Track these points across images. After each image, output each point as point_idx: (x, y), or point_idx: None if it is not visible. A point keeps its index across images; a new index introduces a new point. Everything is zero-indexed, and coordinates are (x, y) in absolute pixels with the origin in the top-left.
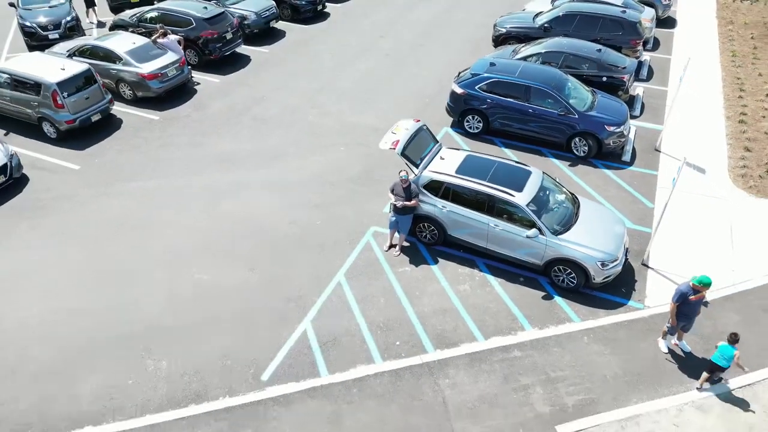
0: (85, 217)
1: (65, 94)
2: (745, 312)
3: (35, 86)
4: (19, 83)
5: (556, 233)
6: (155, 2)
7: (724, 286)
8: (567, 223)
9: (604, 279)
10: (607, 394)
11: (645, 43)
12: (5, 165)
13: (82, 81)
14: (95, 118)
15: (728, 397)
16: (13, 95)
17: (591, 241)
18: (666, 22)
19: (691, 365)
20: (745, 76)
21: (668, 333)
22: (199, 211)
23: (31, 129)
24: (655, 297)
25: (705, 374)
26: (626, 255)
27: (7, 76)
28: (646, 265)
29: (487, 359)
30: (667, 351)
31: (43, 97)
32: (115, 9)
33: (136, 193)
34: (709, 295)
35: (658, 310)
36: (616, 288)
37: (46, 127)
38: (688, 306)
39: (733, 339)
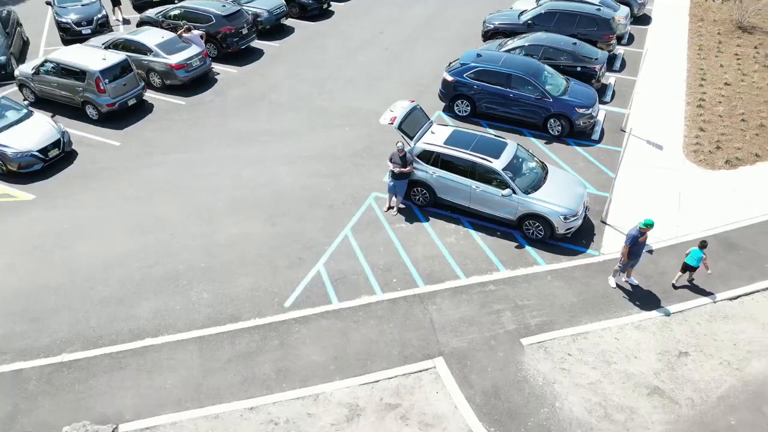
0: (129, 182)
1: (106, 80)
2: (682, 257)
3: (81, 74)
4: (66, 71)
5: (527, 193)
6: (176, 1)
7: (668, 238)
8: (536, 184)
9: (566, 230)
10: (562, 317)
11: (620, 38)
12: (59, 140)
13: (120, 70)
14: (131, 102)
15: (661, 320)
16: (60, 82)
17: (556, 199)
18: (642, 20)
19: (634, 296)
20: (707, 67)
21: (619, 271)
22: (226, 178)
23: (74, 111)
24: (609, 246)
25: (679, 273)
26: (586, 212)
27: (55, 65)
28: (604, 222)
29: (467, 292)
30: (615, 286)
31: (87, 84)
32: (138, 7)
33: (170, 164)
34: (655, 244)
35: (610, 257)
36: (577, 239)
37: (89, 110)
38: (636, 246)
39: (703, 245)
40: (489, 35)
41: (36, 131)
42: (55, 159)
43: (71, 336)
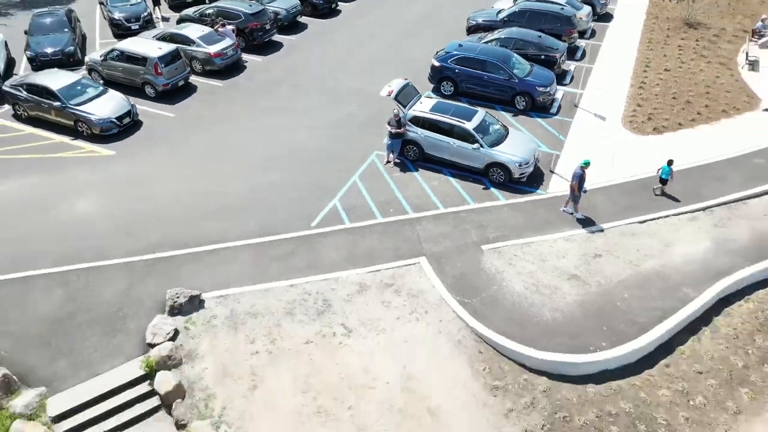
0: (185, 143)
1: (162, 65)
2: (608, 196)
3: (142, 60)
4: (129, 58)
5: (491, 147)
6: (207, 1)
7: (600, 183)
8: (498, 141)
9: (520, 175)
10: (513, 233)
11: (583, 33)
12: (129, 110)
13: (172, 57)
14: (180, 83)
15: (586, 235)
16: (124, 66)
17: (513, 151)
18: (604, 17)
19: (570, 222)
20: (653, 57)
21: (570, 201)
22: (261, 141)
23: (133, 91)
24: (554, 188)
25: (658, 185)
26: (536, 162)
27: (120, 52)
28: (552, 171)
29: (444, 217)
30: (562, 210)
31: (147, 68)
32: (174, 7)
33: (216, 130)
34: (590, 187)
35: (553, 195)
36: (530, 183)
37: (148, 89)
38: (581, 182)
39: (670, 162)
40: (472, 30)
41: (112, 103)
42: (127, 125)
43: (161, 242)
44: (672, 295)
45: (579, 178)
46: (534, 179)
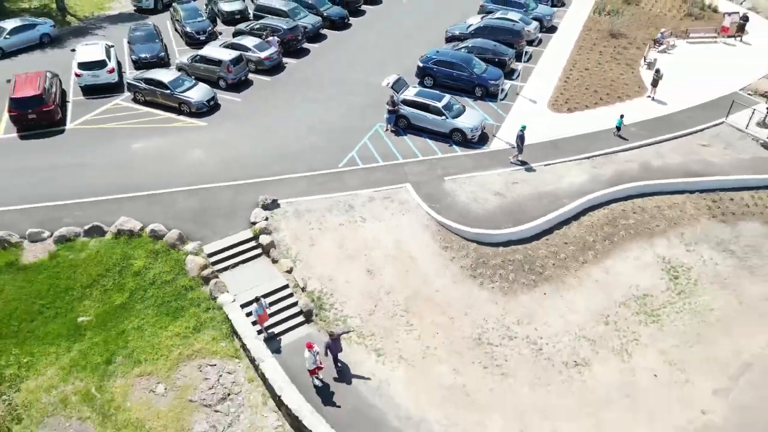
0: (250, 118)
1: (232, 66)
2: (529, 150)
3: (218, 62)
4: (209, 61)
5: (453, 118)
6: (251, 17)
7: (527, 143)
8: (459, 114)
9: (472, 137)
10: (464, 171)
11: (531, 42)
12: (213, 96)
13: (237, 60)
14: (243, 78)
15: (510, 172)
16: (205, 67)
17: (468, 121)
18: (551, 29)
19: (501, 164)
20: (579, 59)
21: (517, 153)
22: (300, 118)
23: (209, 84)
24: (495, 146)
25: (617, 132)
26: (483, 130)
27: (201, 57)
28: (494, 135)
29: (422, 162)
30: (511, 161)
31: (222, 68)
32: (227, 22)
33: (269, 110)
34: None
35: (494, 149)
36: (479, 142)
37: (221, 83)
38: (521, 140)
39: (621, 116)
40: (449, 39)
41: (202, 91)
42: (211, 107)
43: (248, 175)
44: (556, 204)
45: (520, 137)
46: (482, 140)
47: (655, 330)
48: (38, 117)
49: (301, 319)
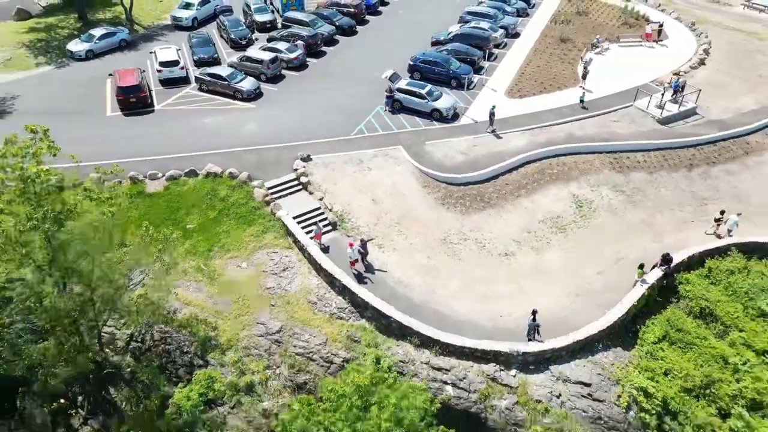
0: (286, 102)
1: (270, 64)
2: (498, 127)
3: (260, 61)
4: (253, 60)
5: (434, 101)
6: (279, 26)
7: (484, 120)
8: (437, 99)
9: (446, 115)
10: (440, 137)
11: (498, 45)
12: (258, 86)
13: (274, 59)
14: (278, 73)
15: (473, 139)
16: (251, 65)
17: (443, 104)
18: (515, 35)
19: (468, 132)
20: (533, 58)
21: (489, 125)
22: (320, 102)
23: (253, 77)
24: (463, 121)
25: (582, 104)
26: (455, 110)
27: (248, 57)
28: (463, 114)
29: (411, 132)
30: (487, 132)
31: (263, 65)
32: (260, 30)
33: (298, 96)
34: (482, 120)
35: (463, 124)
36: (452, 119)
37: (262, 77)
38: (493, 115)
39: (584, 92)
40: (434, 44)
41: (250, 82)
42: (257, 94)
43: (289, 139)
44: (500, 159)
45: (492, 114)
46: (454, 117)
47: (562, 238)
48: (137, 101)
49: (330, 228)
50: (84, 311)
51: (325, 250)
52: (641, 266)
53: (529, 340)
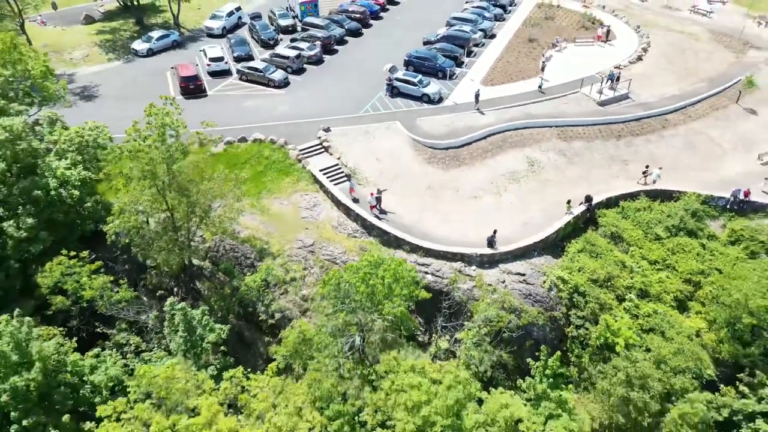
0: (307, 89)
1: (294, 59)
2: (468, 108)
3: (286, 57)
4: (281, 56)
5: (423, 88)
6: (300, 29)
7: (466, 101)
8: (426, 85)
9: (433, 98)
10: (428, 115)
11: (478, 45)
12: (287, 77)
13: (298, 56)
14: (301, 67)
15: (454, 115)
16: (279, 60)
17: (432, 90)
18: (492, 36)
19: (449, 111)
20: (506, 56)
21: (475, 104)
22: (334, 89)
23: (282, 70)
24: (446, 104)
25: (541, 83)
26: (440, 95)
27: (276, 54)
28: (447, 99)
29: (406, 111)
30: (474, 110)
31: (289, 61)
32: (282, 32)
33: (317, 84)
34: (462, 101)
35: (446, 105)
36: (438, 102)
37: (288, 70)
38: (477, 97)
39: (543, 76)
40: (425, 43)
41: (280, 73)
42: (286, 83)
43: (313, 114)
44: (473, 130)
45: (477, 95)
46: (439, 101)
47: (516, 186)
48: (194, 87)
49: (345, 178)
50: (180, 227)
51: (355, 200)
52: (568, 202)
53: (490, 244)
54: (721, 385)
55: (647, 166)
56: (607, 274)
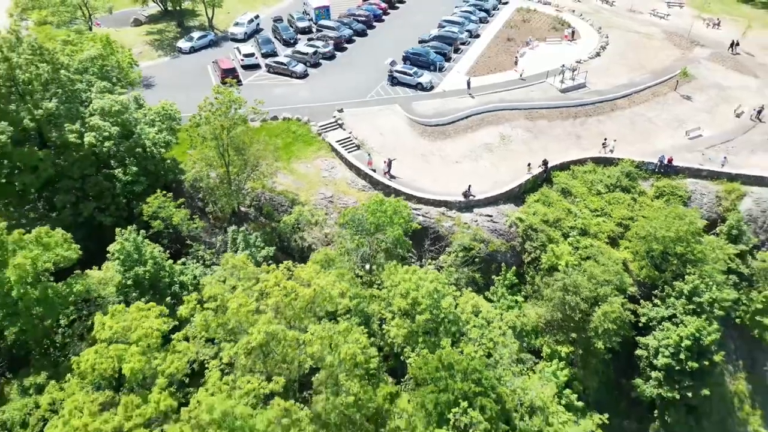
0: (324, 79)
1: (312, 55)
2: (457, 95)
3: (305, 53)
4: (300, 53)
5: (418, 78)
6: (315, 30)
7: (462, 88)
8: (420, 76)
9: (426, 86)
10: (422, 100)
11: (463, 43)
12: (306, 69)
13: (316, 52)
14: (317, 62)
15: (446, 99)
16: (300, 56)
17: (424, 79)
18: (477, 36)
19: (439, 96)
20: (487, 52)
21: (469, 88)
22: (344, 80)
23: (302, 64)
24: (436, 91)
25: (521, 72)
26: (432, 84)
27: (297, 51)
28: (437, 87)
29: (404, 96)
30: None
31: (308, 56)
32: (300, 32)
33: (332, 76)
34: (450, 88)
35: (438, 92)
36: (429, 90)
37: (307, 64)
38: (468, 84)
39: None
40: (420, 42)
41: (301, 66)
42: (305, 75)
43: (328, 101)
44: (457, 111)
45: (468, 82)
46: (431, 89)
47: (490, 155)
48: (232, 78)
49: (355, 148)
50: (233, 180)
51: (373, 170)
52: (529, 164)
53: (466, 196)
54: (642, 301)
55: (606, 139)
56: (556, 218)
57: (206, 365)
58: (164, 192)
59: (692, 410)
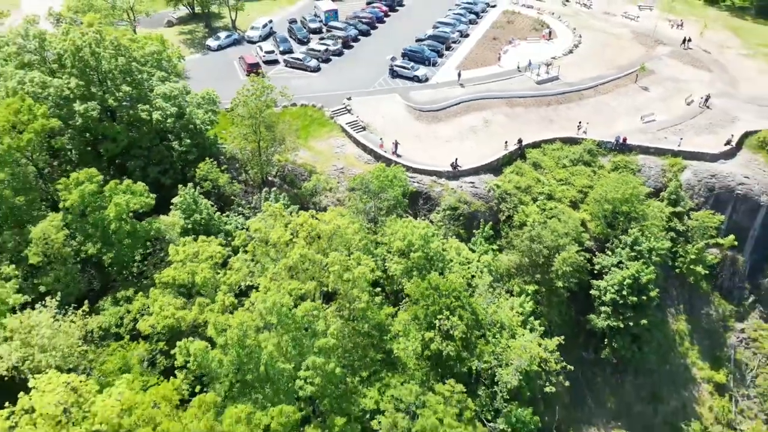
0: (335, 73)
1: (323, 52)
2: (450, 86)
3: (318, 50)
4: (313, 50)
5: (414, 71)
6: (325, 30)
7: (454, 79)
8: (416, 70)
9: (422, 78)
10: (418, 89)
11: (455, 42)
12: (318, 64)
13: (327, 49)
14: (328, 58)
15: (438, 89)
16: (313, 52)
17: (420, 72)
18: (466, 36)
19: (434, 87)
20: (476, 50)
21: (459, 79)
22: (349, 74)
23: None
24: (430, 83)
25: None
26: (427, 76)
27: (312, 48)
28: (431, 79)
29: (402, 87)
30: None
31: (320, 53)
32: (312, 33)
33: (342, 70)
34: (443, 80)
35: (434, 83)
36: (425, 81)
37: (319, 59)
38: (459, 75)
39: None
40: (417, 40)
41: (314, 61)
42: (318, 68)
43: (338, 90)
44: (448, 99)
45: (459, 74)
46: (426, 80)
47: (474, 136)
48: (256, 71)
49: (362, 129)
50: (262, 153)
51: (386, 151)
52: (506, 142)
53: (453, 167)
54: (597, 253)
55: (580, 122)
56: (527, 185)
57: (255, 284)
58: (211, 160)
59: (636, 339)
